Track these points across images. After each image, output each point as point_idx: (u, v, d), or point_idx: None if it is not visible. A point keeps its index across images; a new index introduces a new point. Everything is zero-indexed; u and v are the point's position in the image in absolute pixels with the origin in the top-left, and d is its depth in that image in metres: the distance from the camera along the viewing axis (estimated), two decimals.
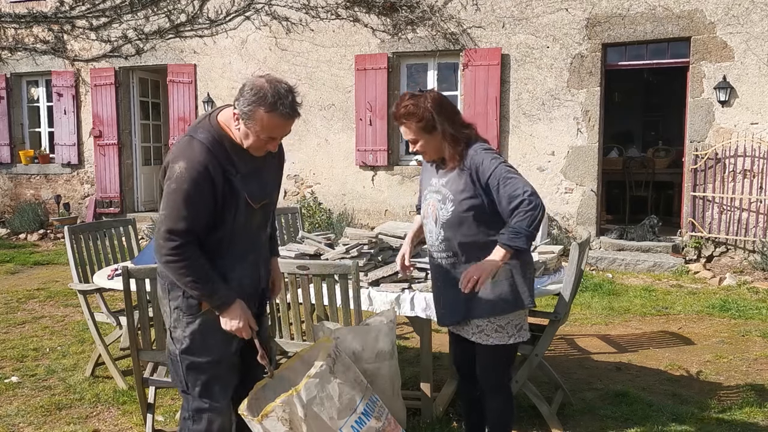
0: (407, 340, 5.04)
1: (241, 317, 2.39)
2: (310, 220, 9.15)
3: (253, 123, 2.29)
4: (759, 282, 6.91)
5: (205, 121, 2.42)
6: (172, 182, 2.29)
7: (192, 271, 2.31)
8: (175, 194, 2.28)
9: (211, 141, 2.34)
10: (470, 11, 8.58)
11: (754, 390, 4.04)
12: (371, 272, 3.45)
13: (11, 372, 4.45)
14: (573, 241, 3.96)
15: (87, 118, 10.82)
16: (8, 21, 11.08)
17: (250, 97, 2.27)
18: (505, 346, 2.73)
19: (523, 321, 2.77)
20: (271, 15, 9.55)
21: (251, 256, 2.53)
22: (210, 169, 2.29)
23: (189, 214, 2.28)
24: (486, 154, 2.63)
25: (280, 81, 2.33)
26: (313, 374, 2.43)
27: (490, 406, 2.85)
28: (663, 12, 7.78)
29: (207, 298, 2.37)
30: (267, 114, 2.27)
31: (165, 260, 2.31)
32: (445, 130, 2.64)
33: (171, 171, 2.30)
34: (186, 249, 2.30)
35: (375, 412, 2.58)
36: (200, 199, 2.30)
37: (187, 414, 2.51)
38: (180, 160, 2.30)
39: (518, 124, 8.48)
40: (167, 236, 2.29)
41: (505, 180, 2.54)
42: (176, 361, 2.48)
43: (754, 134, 7.50)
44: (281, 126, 2.34)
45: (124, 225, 4.76)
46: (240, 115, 2.31)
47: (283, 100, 2.28)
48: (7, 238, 10.58)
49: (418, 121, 2.64)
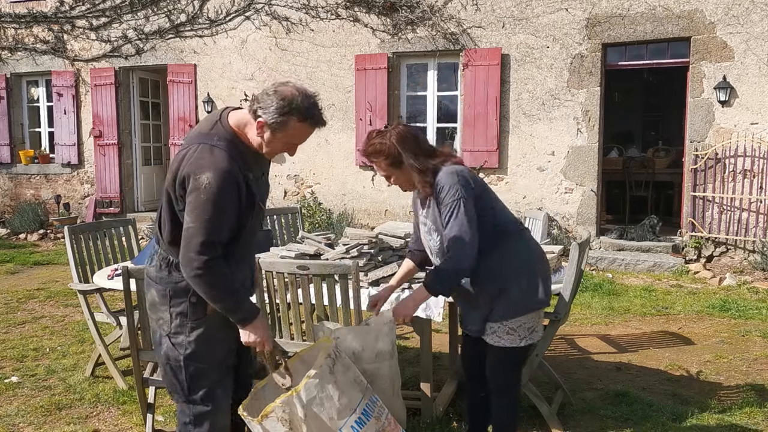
0: (407, 340, 5.04)
1: (264, 331, 2.38)
2: (310, 220, 9.15)
3: (284, 132, 2.27)
4: (759, 282, 6.91)
5: (218, 127, 2.36)
6: (201, 193, 2.21)
7: (222, 284, 2.28)
8: (206, 205, 2.21)
9: (230, 148, 2.30)
10: (470, 11, 8.58)
11: (754, 390, 4.04)
12: (371, 272, 3.45)
13: (11, 372, 4.45)
14: (573, 241, 3.96)
15: (87, 118, 10.83)
16: (8, 21, 11.08)
17: (282, 107, 2.23)
18: (515, 348, 2.74)
19: (536, 323, 2.77)
20: (271, 15, 9.56)
21: (250, 256, 2.57)
22: (235, 175, 2.26)
23: (222, 225, 2.24)
24: (448, 180, 2.64)
25: (306, 89, 2.31)
26: (313, 375, 2.43)
27: (496, 407, 2.85)
28: (663, 12, 7.78)
29: (232, 311, 2.33)
30: (300, 123, 2.27)
31: (196, 274, 2.24)
32: (411, 164, 2.68)
33: (197, 183, 2.23)
34: (217, 262, 2.25)
35: (375, 412, 2.58)
36: (230, 208, 2.26)
37: (188, 419, 2.47)
38: (206, 170, 2.23)
39: (518, 124, 8.48)
40: (201, 249, 2.21)
41: (450, 218, 2.60)
42: (178, 367, 2.43)
43: (754, 134, 7.50)
44: (309, 134, 2.35)
45: (124, 225, 4.76)
46: (268, 125, 2.26)
47: (315, 110, 2.29)
48: (7, 238, 10.58)
49: (386, 158, 2.70)
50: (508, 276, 2.70)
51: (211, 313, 2.39)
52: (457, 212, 2.58)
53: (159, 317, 2.44)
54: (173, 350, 2.42)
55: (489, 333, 2.75)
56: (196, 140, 2.34)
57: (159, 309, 2.44)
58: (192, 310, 2.38)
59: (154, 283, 2.45)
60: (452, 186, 2.61)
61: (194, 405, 2.46)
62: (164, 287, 2.41)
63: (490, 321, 2.73)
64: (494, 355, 2.78)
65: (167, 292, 2.40)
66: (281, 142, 2.32)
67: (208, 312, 2.39)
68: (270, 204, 9.70)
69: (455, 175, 2.64)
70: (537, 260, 2.79)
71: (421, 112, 9.24)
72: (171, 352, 2.43)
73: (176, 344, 2.42)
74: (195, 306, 2.38)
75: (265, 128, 2.28)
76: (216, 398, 2.48)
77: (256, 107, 2.28)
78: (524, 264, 2.74)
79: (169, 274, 2.40)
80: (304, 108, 2.25)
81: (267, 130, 2.28)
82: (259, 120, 2.27)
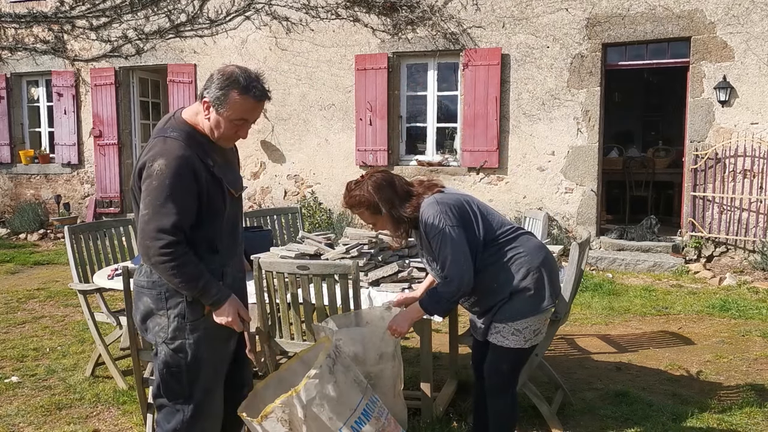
0: (407, 340, 5.04)
1: (232, 311, 2.38)
2: (310, 220, 9.16)
3: (226, 107, 2.31)
4: (759, 282, 6.91)
5: (171, 121, 2.41)
6: (153, 179, 2.24)
7: (184, 269, 2.27)
8: (157, 191, 2.23)
9: (184, 137, 2.34)
10: (470, 11, 8.58)
11: (754, 390, 4.04)
12: (371, 272, 3.45)
13: (11, 372, 4.45)
14: (573, 241, 3.96)
15: (87, 118, 10.82)
16: (8, 21, 11.08)
17: (221, 82, 2.30)
18: (518, 349, 2.75)
19: (541, 325, 2.79)
20: (271, 15, 9.55)
21: (238, 249, 2.58)
22: (190, 161, 2.28)
23: (176, 209, 2.24)
24: (430, 211, 2.71)
25: (248, 69, 2.38)
26: (313, 375, 2.42)
27: (494, 407, 2.85)
28: (663, 12, 7.78)
29: (201, 295, 2.33)
30: (240, 96, 2.30)
31: (155, 261, 2.25)
32: (386, 213, 2.78)
33: (149, 170, 2.26)
34: (177, 247, 2.25)
35: (375, 412, 2.58)
36: (185, 193, 2.26)
37: (179, 425, 2.44)
38: (158, 158, 2.26)
39: (518, 124, 8.48)
40: (156, 235, 2.23)
41: (440, 249, 2.68)
42: (180, 372, 2.41)
43: (754, 134, 7.50)
44: (253, 108, 2.36)
45: (124, 225, 4.76)
46: (211, 102, 2.32)
47: (255, 83, 2.33)
48: (7, 238, 10.58)
49: (366, 208, 2.79)
50: (513, 285, 2.71)
51: (208, 312, 2.39)
52: (445, 240, 2.66)
53: (156, 323, 2.41)
54: (173, 356, 2.40)
55: (493, 332, 2.76)
56: (152, 137, 2.39)
57: (156, 314, 2.41)
58: (189, 310, 2.37)
59: (146, 290, 2.43)
60: (435, 216, 2.69)
61: (190, 409, 2.43)
62: (159, 290, 2.39)
63: (495, 321, 2.75)
64: (496, 354, 2.79)
65: (162, 295, 2.39)
66: (226, 121, 2.34)
67: (205, 311, 2.39)
68: (270, 204, 9.70)
69: (435, 205, 2.72)
70: (538, 259, 2.77)
71: (421, 112, 9.24)
72: (171, 358, 2.40)
73: (175, 350, 2.39)
74: (192, 305, 2.37)
75: (210, 109, 2.33)
76: (214, 401, 2.48)
77: (202, 91, 2.35)
78: (526, 268, 2.73)
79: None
80: (243, 80, 2.31)
81: (212, 111, 2.33)
82: (204, 100, 2.33)
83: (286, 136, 9.60)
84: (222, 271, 2.44)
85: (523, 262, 2.74)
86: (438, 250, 2.68)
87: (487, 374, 2.86)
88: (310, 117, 9.39)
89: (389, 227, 2.85)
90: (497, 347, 2.77)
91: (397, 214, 2.75)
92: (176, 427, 2.44)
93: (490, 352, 2.82)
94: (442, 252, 2.67)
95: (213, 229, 2.39)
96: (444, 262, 2.67)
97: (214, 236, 2.40)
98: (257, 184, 9.91)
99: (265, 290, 3.34)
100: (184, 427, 2.44)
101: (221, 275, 2.43)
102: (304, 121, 9.44)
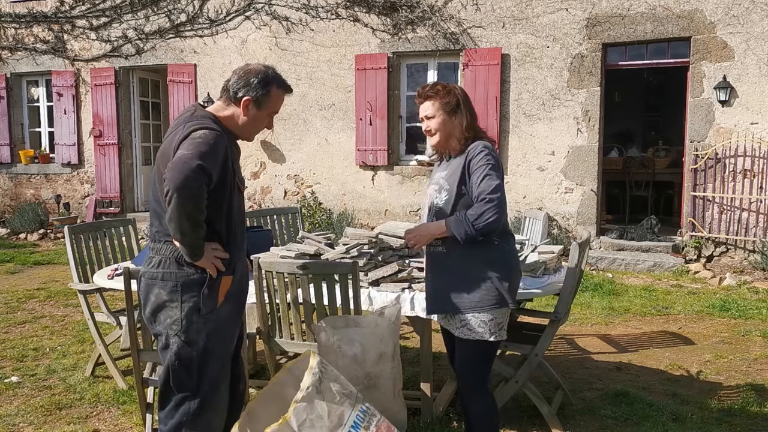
0: (407, 340, 5.04)
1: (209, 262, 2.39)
2: (310, 220, 9.16)
3: (269, 103, 2.46)
4: (759, 282, 6.91)
5: (198, 112, 2.46)
6: (197, 138, 2.29)
7: (202, 211, 2.29)
8: (202, 145, 2.27)
9: (220, 126, 2.42)
10: (470, 11, 8.58)
11: (754, 390, 4.04)
12: (371, 272, 3.45)
13: (11, 372, 4.45)
14: (573, 241, 3.96)
15: (87, 118, 10.82)
16: (8, 21, 11.08)
17: (261, 79, 2.43)
18: (486, 342, 2.73)
19: (504, 321, 2.78)
20: (271, 15, 9.55)
21: (244, 245, 2.62)
22: (226, 146, 2.37)
23: (210, 164, 2.27)
24: (484, 152, 2.70)
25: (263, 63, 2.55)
26: (300, 398, 2.43)
27: (474, 410, 2.80)
28: (663, 12, 7.78)
29: (193, 244, 2.32)
30: (278, 90, 2.48)
31: (190, 193, 2.22)
32: (464, 117, 2.79)
33: (193, 135, 2.30)
34: (205, 191, 2.28)
35: (365, 422, 2.58)
36: (217, 162, 2.31)
37: (185, 418, 2.45)
38: (200, 129, 2.32)
39: (518, 124, 8.48)
40: (200, 171, 2.23)
41: (487, 176, 2.63)
42: (191, 364, 2.42)
43: (754, 134, 7.50)
44: (282, 100, 2.55)
45: (124, 225, 4.76)
46: (254, 100, 2.42)
47: (281, 77, 2.53)
48: (7, 237, 10.58)
49: (444, 100, 2.78)
50: (497, 269, 2.69)
51: (220, 305, 2.41)
52: (496, 170, 2.65)
53: (168, 316, 2.42)
54: (185, 348, 2.41)
55: (460, 326, 2.74)
56: (182, 123, 2.40)
57: (168, 306, 2.41)
58: (204, 302, 2.39)
59: (159, 281, 2.43)
60: (488, 154, 2.69)
61: (198, 402, 2.45)
62: (174, 282, 2.40)
63: (461, 312, 2.71)
64: (464, 348, 2.78)
65: (177, 287, 2.39)
66: (265, 114, 2.49)
67: (218, 304, 2.41)
68: (270, 204, 9.70)
69: (491, 149, 2.75)
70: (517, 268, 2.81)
71: None
72: (183, 350, 2.41)
73: (187, 342, 2.41)
74: (207, 298, 2.39)
75: (251, 105, 2.43)
76: (220, 392, 2.51)
77: (236, 90, 2.43)
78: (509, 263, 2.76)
79: (179, 267, 2.39)
80: (277, 77, 2.49)
81: (253, 107, 2.44)
82: (245, 99, 2.42)
83: (286, 136, 9.60)
84: (234, 267, 2.49)
85: (510, 259, 2.77)
86: (481, 176, 2.62)
87: (458, 374, 2.85)
88: (310, 117, 9.39)
89: (444, 134, 2.79)
90: (464, 341, 2.75)
91: (467, 124, 2.76)
92: (182, 420, 2.46)
93: (457, 351, 2.82)
94: (486, 180, 2.60)
95: (230, 221, 2.45)
96: (484, 188, 2.59)
97: (229, 228, 2.46)
98: (257, 184, 9.91)
99: (265, 290, 3.34)
100: (189, 420, 2.45)
101: (233, 269, 2.48)
102: (304, 121, 9.44)
